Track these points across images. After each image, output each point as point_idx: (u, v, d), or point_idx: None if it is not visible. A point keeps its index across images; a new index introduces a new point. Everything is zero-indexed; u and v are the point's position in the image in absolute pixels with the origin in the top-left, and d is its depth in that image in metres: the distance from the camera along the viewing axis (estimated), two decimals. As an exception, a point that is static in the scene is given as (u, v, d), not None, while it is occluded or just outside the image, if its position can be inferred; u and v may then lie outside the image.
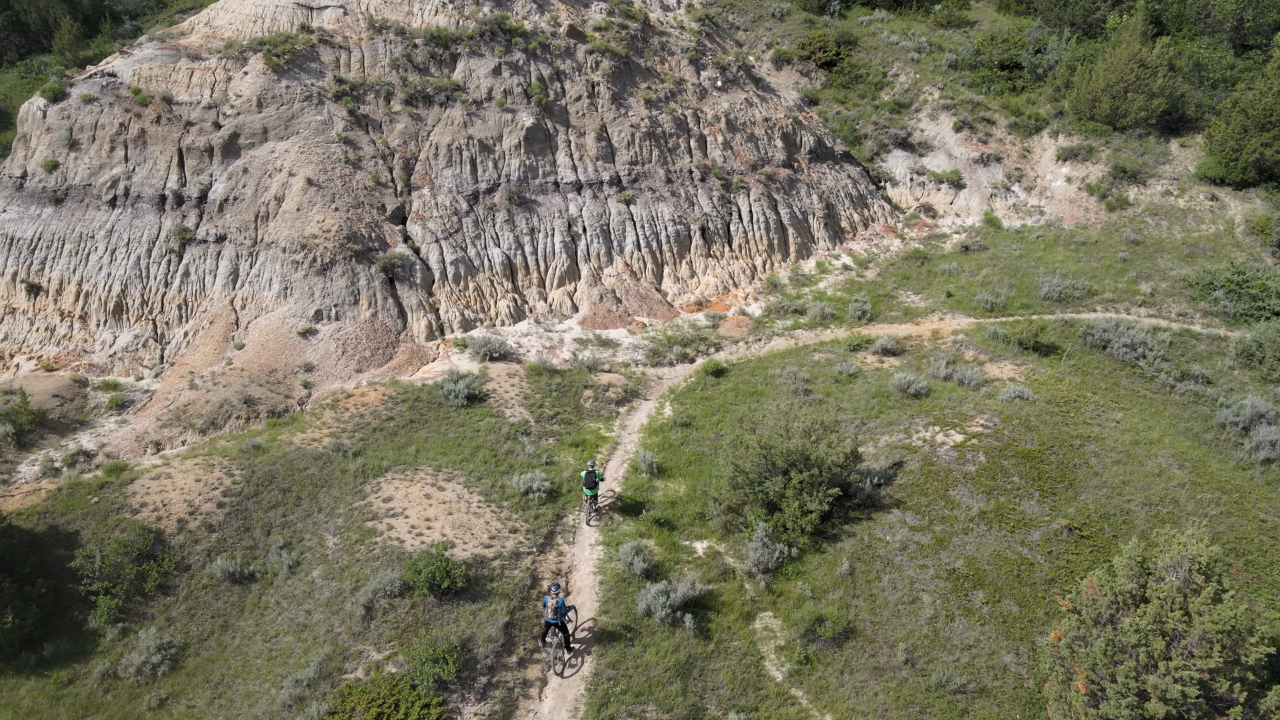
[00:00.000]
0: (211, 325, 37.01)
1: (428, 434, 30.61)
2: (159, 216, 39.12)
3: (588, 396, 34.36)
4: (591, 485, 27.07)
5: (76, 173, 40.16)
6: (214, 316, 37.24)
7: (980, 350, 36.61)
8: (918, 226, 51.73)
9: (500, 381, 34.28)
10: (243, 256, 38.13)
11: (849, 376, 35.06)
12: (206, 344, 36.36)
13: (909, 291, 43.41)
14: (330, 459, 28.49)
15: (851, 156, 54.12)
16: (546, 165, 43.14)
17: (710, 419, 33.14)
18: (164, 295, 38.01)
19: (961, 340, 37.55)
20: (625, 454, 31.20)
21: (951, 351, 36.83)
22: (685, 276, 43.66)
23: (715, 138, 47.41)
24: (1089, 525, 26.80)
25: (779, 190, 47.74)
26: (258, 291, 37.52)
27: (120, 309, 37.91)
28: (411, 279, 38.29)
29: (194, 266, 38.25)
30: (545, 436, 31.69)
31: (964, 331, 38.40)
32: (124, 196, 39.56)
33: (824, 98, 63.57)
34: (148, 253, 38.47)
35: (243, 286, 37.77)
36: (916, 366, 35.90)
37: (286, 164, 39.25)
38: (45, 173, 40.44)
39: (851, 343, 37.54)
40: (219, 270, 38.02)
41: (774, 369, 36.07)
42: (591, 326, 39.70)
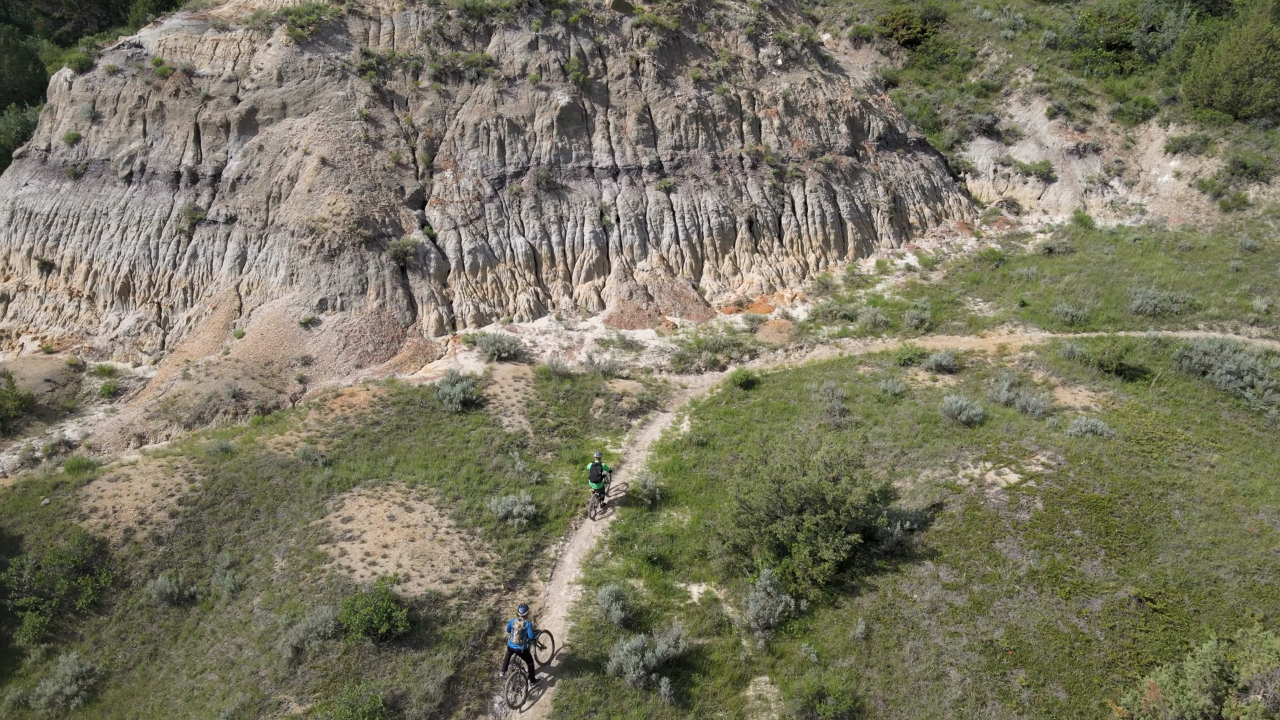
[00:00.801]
0: (214, 311, 35.17)
1: (412, 443, 27.93)
2: (172, 194, 37.49)
3: (598, 406, 31.15)
4: (597, 478, 25.32)
5: (96, 147, 38.86)
6: (218, 302, 35.40)
7: (1052, 371, 31.89)
8: (997, 224, 46.60)
9: (504, 385, 31.37)
10: (251, 239, 36.15)
11: (894, 396, 30.90)
12: (207, 331, 34.53)
13: (977, 298, 38.68)
14: (298, 468, 26.07)
15: (927, 144, 49.19)
16: (581, 148, 39.90)
17: (731, 438, 29.54)
18: (171, 277, 36.38)
19: (1031, 358, 32.85)
20: (628, 475, 27.90)
21: (1018, 371, 32.21)
22: (727, 273, 39.91)
23: (771, 121, 43.33)
24: (1164, 596, 22.31)
25: (839, 180, 43.39)
26: (264, 277, 35.49)
27: (127, 290, 36.45)
28: (425, 268, 35.67)
29: (202, 248, 36.48)
30: (543, 450, 28.64)
31: (1035, 348, 33.66)
32: (140, 172, 38.07)
33: (904, 79, 58.51)
34: (158, 232, 36.89)
35: (249, 271, 35.81)
36: (974, 388, 31.45)
37: (303, 141, 37.06)
38: (67, 146, 39.29)
39: (902, 356, 33.28)
40: (226, 253, 36.15)
41: (811, 383, 32.15)
42: (617, 326, 36.41)
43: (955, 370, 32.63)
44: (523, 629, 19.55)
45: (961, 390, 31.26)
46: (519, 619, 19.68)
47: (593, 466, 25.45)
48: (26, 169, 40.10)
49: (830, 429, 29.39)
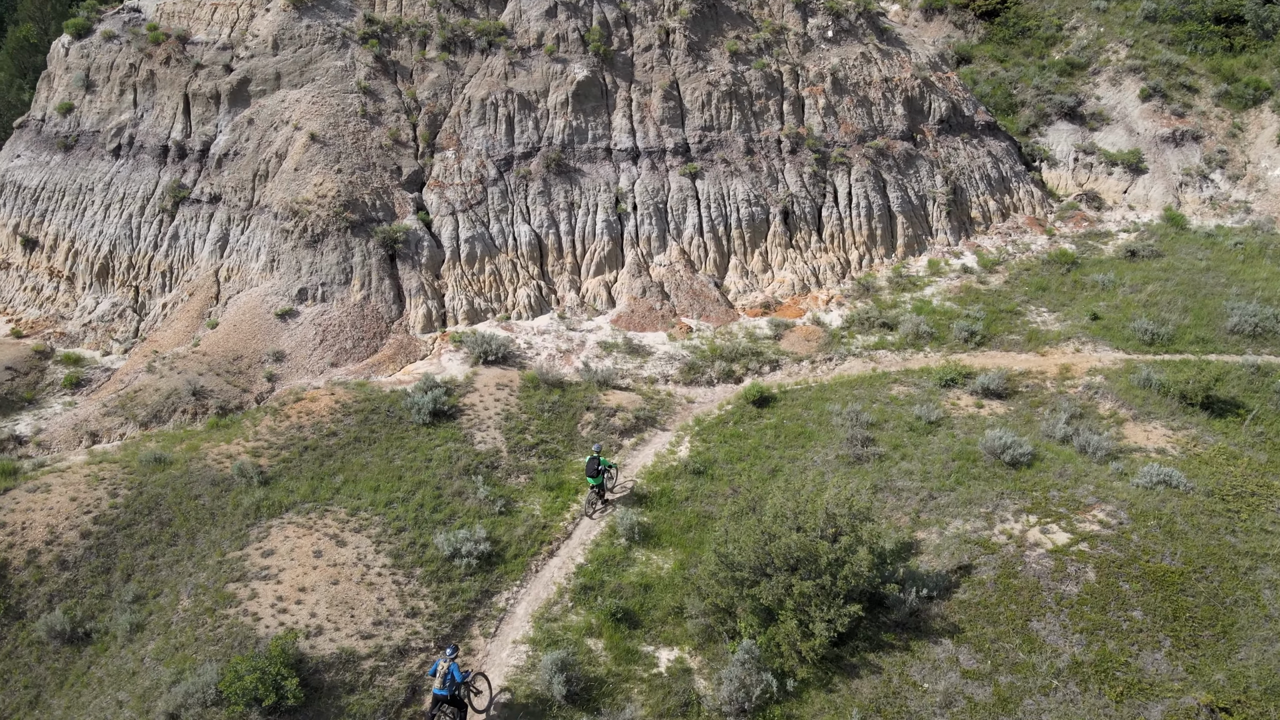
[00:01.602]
0: (191, 298, 32.66)
1: (369, 459, 24.82)
2: (158, 170, 35.09)
3: (587, 421, 27.57)
4: (594, 473, 23.43)
5: (88, 117, 36.72)
6: (195, 288, 32.87)
7: (1122, 402, 27.04)
8: (1073, 220, 41.25)
9: (485, 393, 28.02)
10: (235, 221, 33.50)
11: (929, 425, 26.53)
12: (181, 319, 32.05)
13: (1042, 308, 33.72)
14: (231, 486, 23.19)
15: (997, 128, 43.92)
16: (598, 127, 36.11)
17: (734, 467, 25.66)
18: (151, 259, 34.03)
19: (1098, 384, 28.01)
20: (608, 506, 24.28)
21: (1080, 400, 27.44)
22: (755, 270, 35.75)
23: (815, 100, 38.79)
24: (1244, 706, 17.83)
25: (891, 168, 38.66)
26: (244, 262, 32.82)
27: (106, 272, 34.24)
28: (416, 257, 32.50)
29: (184, 229, 33.99)
30: (515, 473, 25.23)
31: (1104, 371, 28.76)
32: (128, 146, 35.77)
33: (979, 55, 52.95)
34: (140, 210, 34.54)
35: (230, 255, 33.18)
36: (1025, 418, 26.84)
37: (295, 115, 34.16)
38: (60, 116, 37.27)
39: (944, 375, 28.78)
40: (208, 235, 33.59)
41: (834, 403, 27.97)
42: (625, 327, 32.71)
43: (1005, 395, 28.02)
44: (448, 671, 17.03)
45: (1010, 421, 26.69)
46: (445, 659, 17.25)
47: (590, 460, 23.52)
48: (23, 140, 38.29)
49: (849, 462, 25.26)
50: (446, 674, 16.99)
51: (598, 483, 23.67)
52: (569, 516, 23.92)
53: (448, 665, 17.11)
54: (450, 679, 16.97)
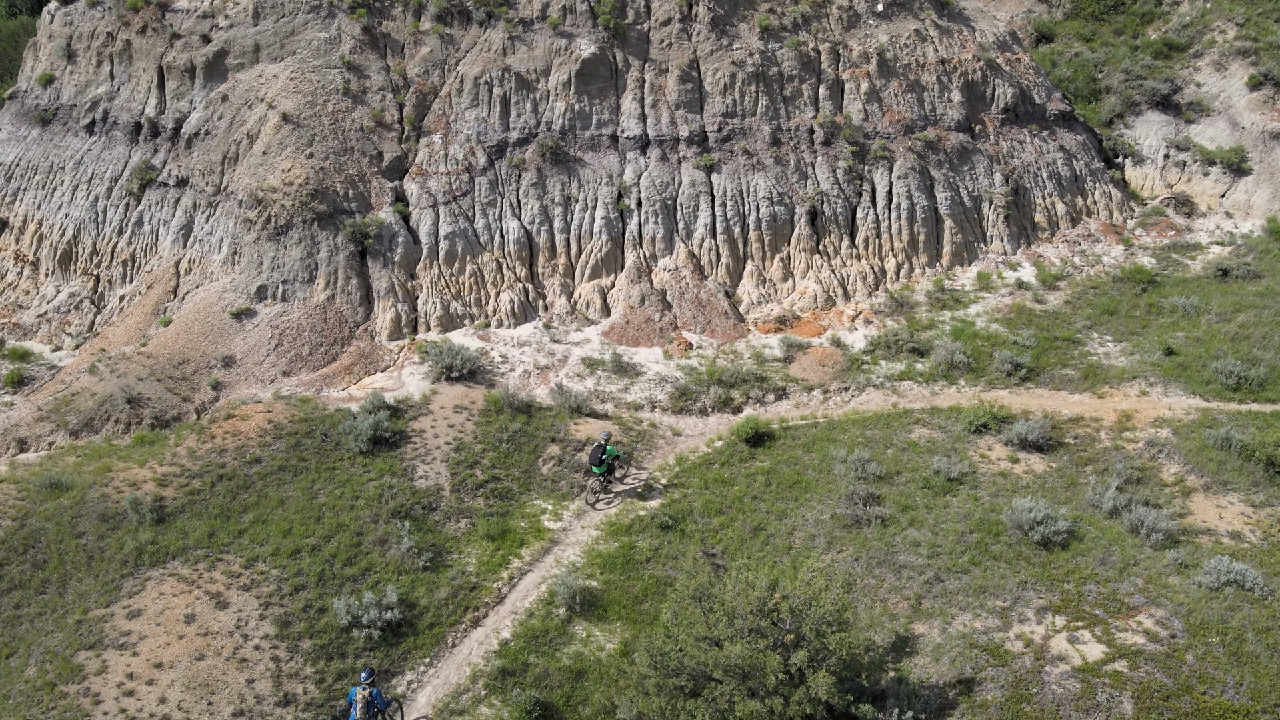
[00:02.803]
0: (148, 291, 30.14)
1: (288, 494, 21.77)
2: (129, 149, 32.62)
3: (550, 456, 24.04)
4: (598, 462, 22.21)
5: (66, 90, 34.46)
6: (154, 280, 30.34)
7: (1191, 465, 22.22)
8: (1157, 228, 35.76)
9: (439, 417, 24.73)
10: (200, 208, 30.78)
11: (948, 482, 22.21)
12: (135, 315, 29.56)
13: (1106, 336, 28.74)
14: (121, 522, 20.40)
15: (1074, 118, 38.46)
16: (604, 111, 32.21)
17: (710, 521, 21.85)
18: (115, 246, 31.62)
19: (1164, 440, 23.18)
20: (553, 567, 20.78)
21: (1139, 460, 22.71)
22: (774, 278, 31.54)
23: (857, 84, 34.09)
24: None
25: (942, 164, 33.82)
26: (206, 254, 30.11)
27: (69, 258, 32.02)
28: (389, 254, 29.30)
29: (149, 215, 31.46)
30: (455, 517, 21.89)
31: (1174, 423, 23.87)
32: (101, 121, 33.38)
33: (1062, 33, 47.12)
34: (107, 192, 32.14)
35: (192, 246, 30.52)
36: (1069, 480, 22.26)
37: (271, 92, 31.18)
38: (40, 88, 35.13)
39: (976, 418, 24.29)
40: (172, 222, 30.97)
41: (841, 446, 23.82)
42: (617, 340, 28.98)
43: (1047, 448, 23.43)
44: (369, 699, 15.70)
45: (1048, 483, 22.16)
46: (363, 687, 15.79)
47: (595, 447, 22.34)
48: (9, 112, 36.33)
49: (846, 524, 21.21)
50: (369, 701, 15.65)
51: (602, 471, 22.36)
52: (507, 575, 20.50)
53: (366, 693, 15.70)
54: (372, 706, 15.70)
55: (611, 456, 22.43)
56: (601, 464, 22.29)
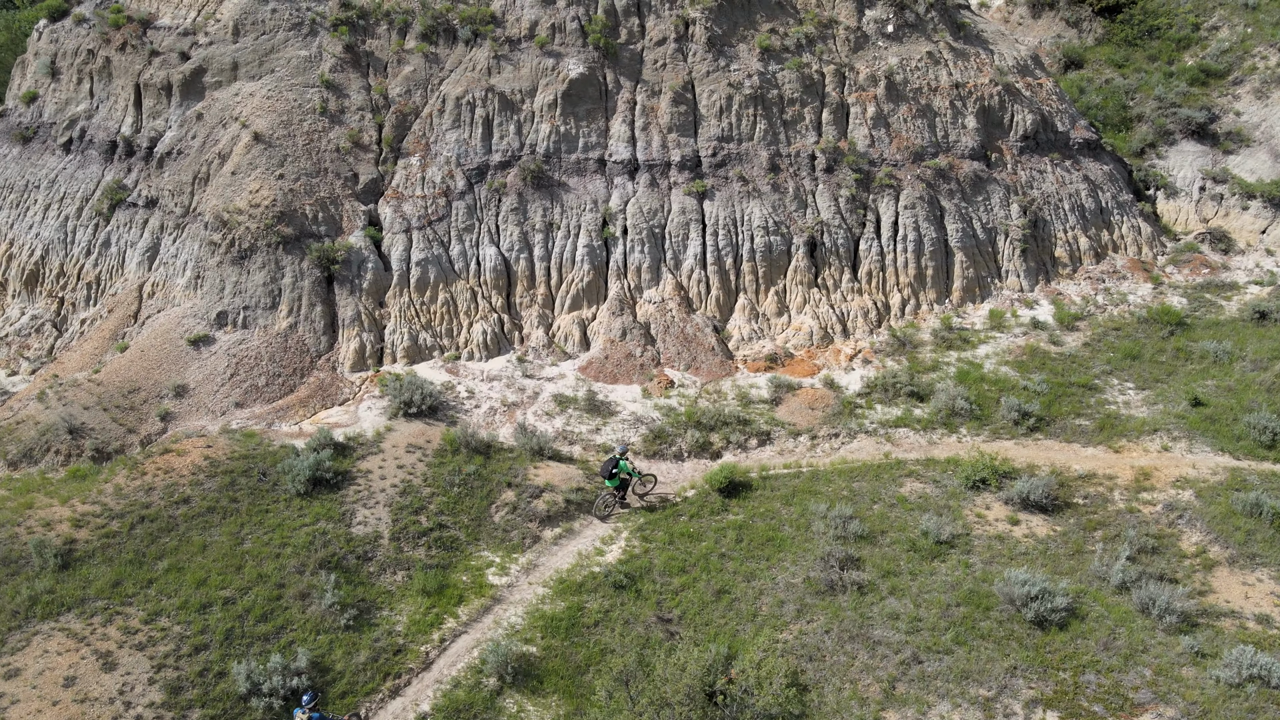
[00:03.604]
0: (110, 315, 28.94)
1: (211, 538, 20.09)
2: (103, 168, 31.63)
3: (504, 503, 22.14)
4: (609, 475, 21.49)
5: (48, 107, 33.67)
6: (116, 304, 29.14)
7: (1214, 534, 19.69)
8: (1190, 266, 33.17)
9: (390, 456, 22.98)
10: (168, 229, 29.61)
11: (937, 545, 19.91)
12: (94, 339, 28.33)
13: (1127, 383, 26.24)
14: (23, 566, 18.83)
15: (1100, 147, 36.10)
16: (592, 134, 30.57)
17: (671, 581, 19.77)
18: (82, 268, 30.53)
19: (1185, 504, 20.66)
20: (491, 628, 18.80)
21: (1156, 525, 20.22)
22: (769, 313, 29.51)
23: (864, 109, 32.12)
24: None
25: (953, 193, 31.66)
26: (170, 277, 28.87)
27: (36, 279, 30.99)
28: (357, 281, 27.80)
29: (116, 236, 30.35)
30: (391, 569, 20.04)
31: (1197, 484, 21.34)
32: (79, 140, 32.48)
33: (1093, 59, 44.80)
34: (78, 212, 31.14)
35: (158, 269, 29.31)
36: (1075, 546, 19.83)
37: (246, 111, 30.01)
38: (24, 106, 34.40)
39: (974, 472, 21.96)
40: (139, 244, 29.81)
41: (822, 501, 21.64)
42: (594, 376, 27.12)
43: (1052, 509, 21.01)
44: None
45: (1050, 549, 19.76)
46: (304, 710, 15.21)
47: (609, 460, 21.66)
48: None
49: (819, 590, 19.01)
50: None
51: (615, 484, 21.65)
52: (439, 636, 18.57)
53: (307, 716, 15.12)
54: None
55: (624, 472, 21.61)
56: (613, 477, 21.52)
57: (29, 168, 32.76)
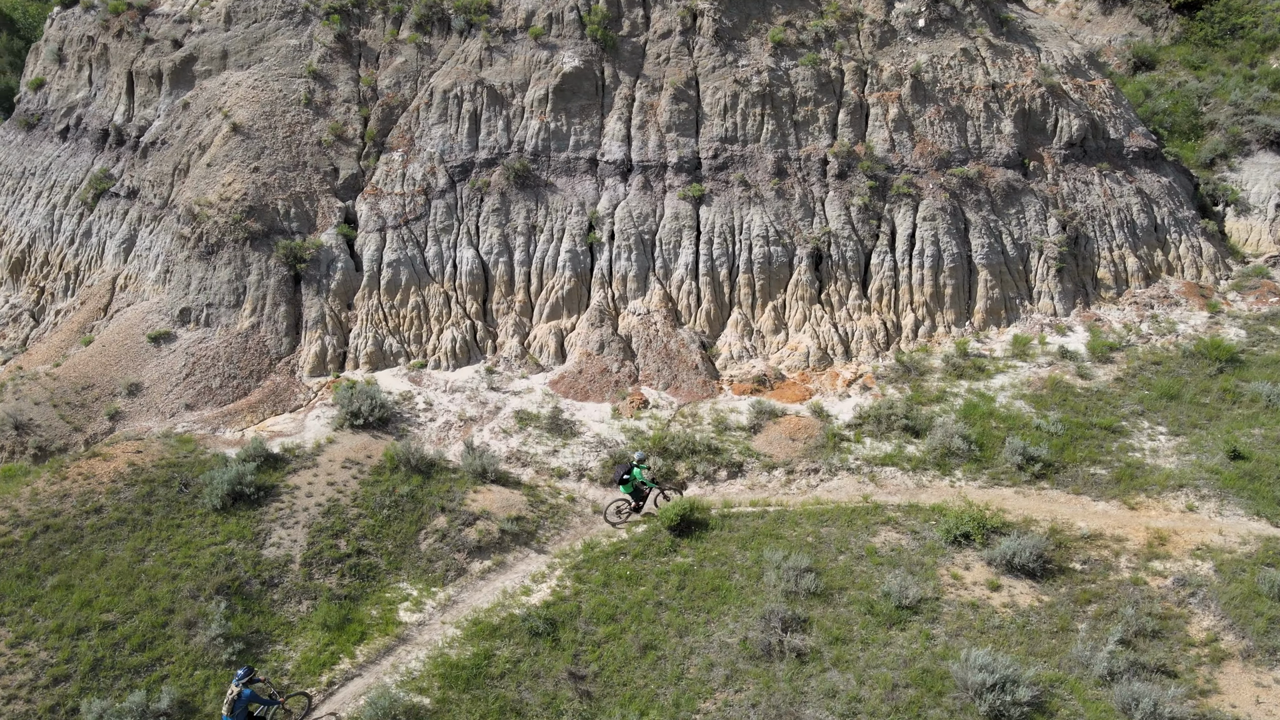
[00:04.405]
0: (82, 307, 28.30)
1: (113, 553, 18.89)
2: (94, 156, 31.16)
3: (435, 530, 20.41)
4: (622, 481, 20.51)
5: (51, 94, 33.48)
6: (90, 296, 28.50)
7: (1230, 620, 16.65)
8: (1256, 293, 29.47)
9: (324, 471, 21.49)
10: (145, 221, 28.85)
11: (900, 609, 17.37)
12: (63, 332, 27.72)
13: (1160, 426, 23.04)
14: (-93, 577, 17.91)
15: (1160, 157, 32.51)
16: (584, 132, 28.64)
17: (597, 630, 17.74)
18: (64, 257, 30.03)
19: (1202, 578, 17.62)
20: (388, 672, 17.07)
21: (1162, 603, 17.25)
22: (764, 329, 27.13)
23: (885, 109, 29.39)
24: None
25: (982, 204, 28.72)
26: (143, 270, 28.09)
27: (21, 268, 30.66)
28: (325, 281, 26.49)
29: (98, 226, 29.77)
30: (297, 598, 18.52)
31: (1220, 555, 18.24)
32: (75, 127, 32.12)
33: (1166, 59, 40.91)
34: (65, 201, 30.70)
35: (132, 261, 28.57)
36: (1061, 622, 17.04)
37: (230, 101, 29.04)
38: (32, 93, 34.33)
39: (959, 524, 19.25)
40: (118, 235, 29.12)
41: (782, 546, 19.25)
42: (565, 392, 25.22)
43: (1043, 574, 18.20)
44: (238, 697, 14.76)
45: (1031, 624, 17.01)
46: (238, 683, 14.87)
47: (620, 466, 20.91)
48: (11, 117, 35.73)
49: (756, 654, 16.74)
50: (238, 697, 14.74)
51: (629, 490, 20.56)
52: (328, 679, 16.93)
53: (239, 688, 14.81)
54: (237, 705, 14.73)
55: (638, 481, 20.53)
56: (625, 484, 20.49)
57: (28, 155, 32.54)
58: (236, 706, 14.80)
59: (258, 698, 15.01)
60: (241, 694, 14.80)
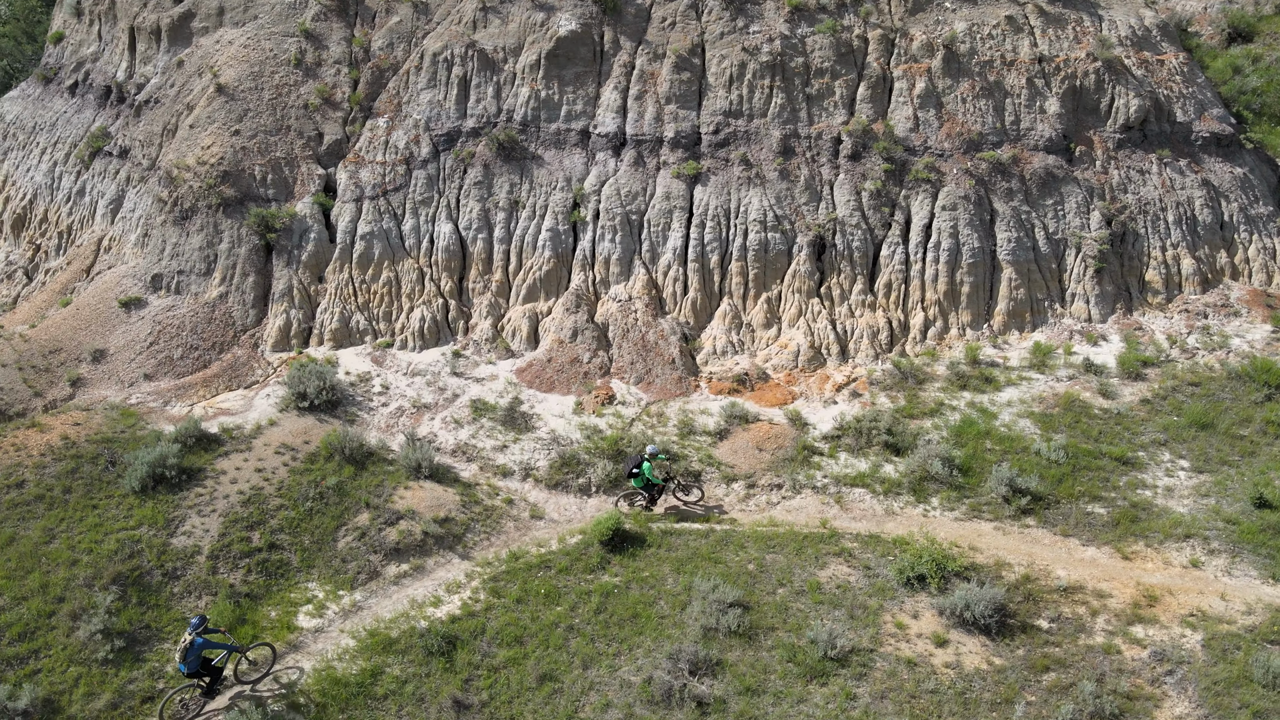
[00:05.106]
0: (69, 267, 28.12)
1: (22, 533, 18.38)
2: (96, 113, 30.88)
3: (356, 527, 19.28)
4: (629, 474, 19.37)
5: (67, 49, 33.37)
6: (76, 256, 28.28)
7: (1209, 710, 14.11)
8: (1333, 305, 25.72)
9: (257, 456, 20.59)
10: (133, 182, 28.40)
11: (825, 660, 15.40)
12: (47, 292, 27.63)
13: (1181, 460, 20.14)
14: None
15: (1238, 143, 28.72)
16: (578, 102, 26.76)
17: (499, 652, 16.37)
18: (59, 216, 29.93)
19: (1185, 653, 15.05)
20: (267, 684, 16.07)
21: (1132, 680, 14.78)
22: (755, 323, 25.00)
23: (912, 83, 26.56)
24: None
25: (1013, 193, 25.77)
26: (126, 233, 27.68)
27: (22, 224, 30.73)
28: (296, 252, 25.55)
29: (91, 185, 29.51)
30: (195, 592, 17.70)
31: (1215, 624, 15.58)
32: (82, 83, 31.95)
33: (1269, 30, 36.16)
34: (66, 158, 30.54)
35: (118, 223, 28.20)
36: (1006, 693, 14.79)
37: (221, 60, 28.21)
38: (52, 46, 34.32)
39: (916, 563, 17.04)
40: (108, 195, 28.78)
41: (717, 574, 17.44)
42: (529, 381, 23.73)
43: (1000, 631, 15.89)
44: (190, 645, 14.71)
45: (972, 692, 14.82)
46: (192, 631, 14.79)
47: (633, 456, 19.74)
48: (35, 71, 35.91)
49: (655, 700, 15.08)
50: (190, 645, 14.67)
51: (639, 484, 19.43)
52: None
53: (192, 636, 14.73)
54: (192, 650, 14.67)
55: (647, 477, 19.30)
56: (635, 478, 19.39)
57: (41, 109, 32.56)
58: (189, 654, 14.74)
59: (211, 644, 14.83)
60: (194, 642, 14.69)
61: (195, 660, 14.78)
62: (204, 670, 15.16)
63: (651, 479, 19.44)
